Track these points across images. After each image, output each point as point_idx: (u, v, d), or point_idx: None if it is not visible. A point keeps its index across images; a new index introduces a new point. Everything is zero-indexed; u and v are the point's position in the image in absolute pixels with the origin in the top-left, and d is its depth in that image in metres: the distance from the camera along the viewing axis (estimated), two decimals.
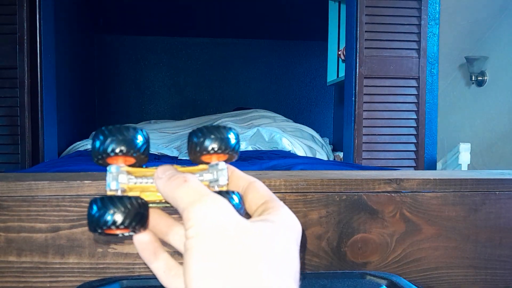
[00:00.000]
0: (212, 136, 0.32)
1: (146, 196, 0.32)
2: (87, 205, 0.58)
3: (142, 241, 0.34)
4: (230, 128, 0.33)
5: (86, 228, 0.58)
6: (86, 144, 2.12)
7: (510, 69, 2.51)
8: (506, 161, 2.51)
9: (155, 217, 0.35)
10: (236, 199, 0.32)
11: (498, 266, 0.66)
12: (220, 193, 0.31)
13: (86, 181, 0.58)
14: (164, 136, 2.64)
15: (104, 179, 0.59)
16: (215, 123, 2.45)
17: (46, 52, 1.74)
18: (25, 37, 1.65)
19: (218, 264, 0.26)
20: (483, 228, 0.66)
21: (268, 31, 3.31)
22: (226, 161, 0.33)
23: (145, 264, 0.59)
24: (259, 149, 2.03)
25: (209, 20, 3.18)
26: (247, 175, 0.35)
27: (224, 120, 2.62)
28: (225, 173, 0.33)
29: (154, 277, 0.55)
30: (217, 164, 0.33)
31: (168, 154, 2.12)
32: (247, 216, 0.32)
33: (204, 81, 3.39)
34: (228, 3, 2.95)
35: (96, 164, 0.32)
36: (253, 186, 0.34)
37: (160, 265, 0.34)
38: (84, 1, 2.84)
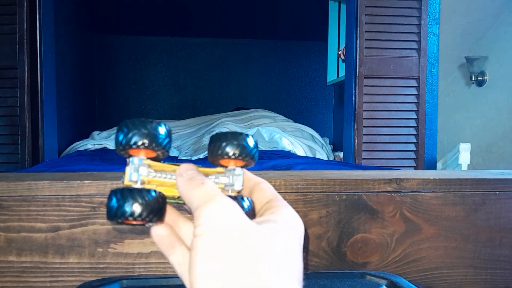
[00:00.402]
0: (235, 142, 0.33)
1: (162, 191, 0.34)
2: (87, 205, 0.58)
3: (159, 233, 0.35)
4: (252, 136, 0.34)
5: (86, 228, 0.58)
6: (86, 144, 2.12)
7: (510, 69, 2.51)
8: (506, 161, 2.51)
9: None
10: (247, 204, 0.33)
11: (498, 266, 0.66)
12: (233, 197, 0.32)
13: (86, 181, 0.58)
14: None
15: (104, 179, 0.59)
16: (235, 130, 2.45)
17: (46, 52, 1.73)
18: (25, 37, 1.64)
19: (220, 264, 0.26)
20: (483, 228, 0.66)
21: (268, 31, 3.30)
22: (242, 167, 0.34)
23: (145, 264, 0.59)
24: (259, 149, 2.03)
25: (209, 20, 3.17)
26: (256, 176, 0.36)
27: (224, 120, 2.61)
28: (240, 178, 0.34)
29: (154, 277, 0.55)
30: (234, 169, 0.34)
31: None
32: (253, 216, 0.33)
33: (204, 81, 3.39)
34: (228, 3, 2.95)
35: (118, 153, 0.33)
36: (260, 187, 0.34)
37: (177, 258, 0.35)
38: (84, 1, 2.84)
